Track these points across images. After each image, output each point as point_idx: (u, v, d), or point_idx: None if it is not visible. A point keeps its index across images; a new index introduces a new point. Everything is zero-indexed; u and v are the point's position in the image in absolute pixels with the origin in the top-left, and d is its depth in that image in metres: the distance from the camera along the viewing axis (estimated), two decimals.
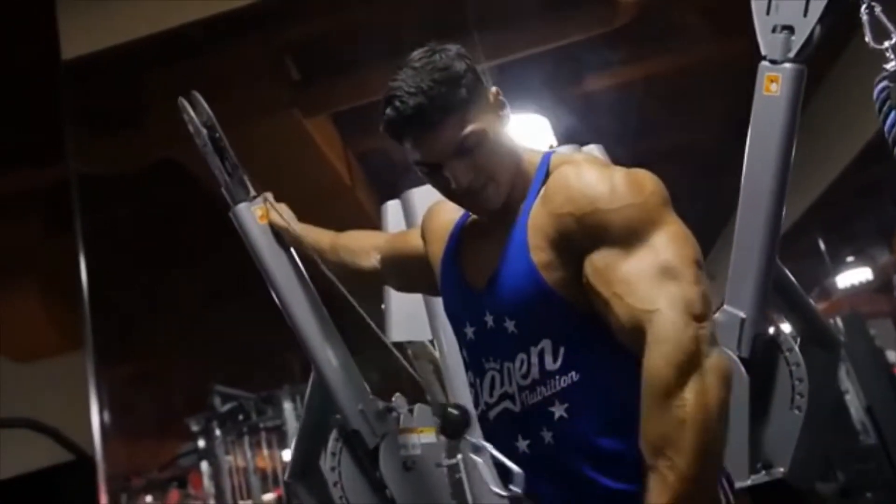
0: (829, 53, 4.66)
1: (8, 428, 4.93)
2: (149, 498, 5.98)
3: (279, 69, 4.44)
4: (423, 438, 2.32)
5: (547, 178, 1.55)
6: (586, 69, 4.86)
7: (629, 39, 4.50)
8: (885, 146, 1.84)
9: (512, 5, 4.13)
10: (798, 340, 2.23)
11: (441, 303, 1.74)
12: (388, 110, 1.51)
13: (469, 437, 1.57)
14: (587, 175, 1.49)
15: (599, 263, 1.43)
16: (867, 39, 1.89)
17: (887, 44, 1.85)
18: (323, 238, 2.23)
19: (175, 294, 5.49)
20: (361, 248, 2.10)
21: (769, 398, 2.22)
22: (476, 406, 1.62)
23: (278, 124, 4.57)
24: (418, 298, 2.44)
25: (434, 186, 1.60)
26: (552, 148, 1.71)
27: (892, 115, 1.83)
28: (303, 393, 2.47)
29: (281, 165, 4.50)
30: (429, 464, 2.32)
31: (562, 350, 1.48)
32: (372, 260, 2.07)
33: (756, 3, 2.11)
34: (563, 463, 1.48)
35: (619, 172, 1.49)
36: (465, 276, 1.64)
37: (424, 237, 1.82)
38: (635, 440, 1.37)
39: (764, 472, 2.17)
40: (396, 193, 2.60)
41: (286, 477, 2.50)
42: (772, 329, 2.22)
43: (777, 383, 2.21)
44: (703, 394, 1.32)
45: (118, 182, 4.65)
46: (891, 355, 7.36)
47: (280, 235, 2.32)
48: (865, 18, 1.89)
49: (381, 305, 2.69)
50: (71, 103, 3.96)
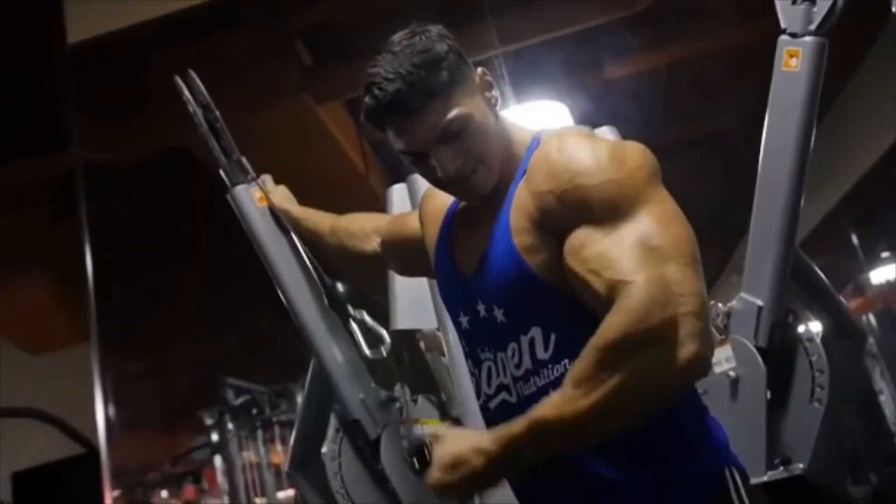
0: (866, 36, 4.52)
1: (13, 417, 4.93)
2: (164, 493, 5.97)
3: (290, 54, 4.40)
4: (427, 430, 2.26)
5: None
6: (607, 55, 4.77)
7: (651, 23, 4.41)
8: None
9: None
10: (820, 331, 2.15)
11: None
12: (367, 98, 1.44)
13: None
14: (568, 149, 1.40)
15: (576, 242, 1.34)
16: None
17: None
18: (323, 221, 2.18)
19: (186, 285, 5.46)
20: (362, 232, 2.05)
21: (788, 390, 2.14)
22: (478, 397, 1.56)
23: (290, 111, 4.53)
24: (424, 286, 2.37)
25: (422, 175, 1.52)
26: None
27: None
28: None
29: (293, 153, 4.46)
30: None
31: (553, 338, 1.40)
32: (373, 243, 2.02)
33: None
34: (564, 463, 1.40)
35: (604, 145, 1.40)
36: (457, 264, 1.57)
37: (421, 220, 1.75)
38: (635, 434, 1.30)
39: (782, 468, 2.09)
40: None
41: (286, 468, 2.46)
42: (791, 318, 2.14)
43: (796, 375, 2.14)
44: (653, 370, 1.21)
45: (126, 170, 4.62)
46: None
47: (280, 218, 2.28)
48: None
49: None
50: (76, 89, 3.94)
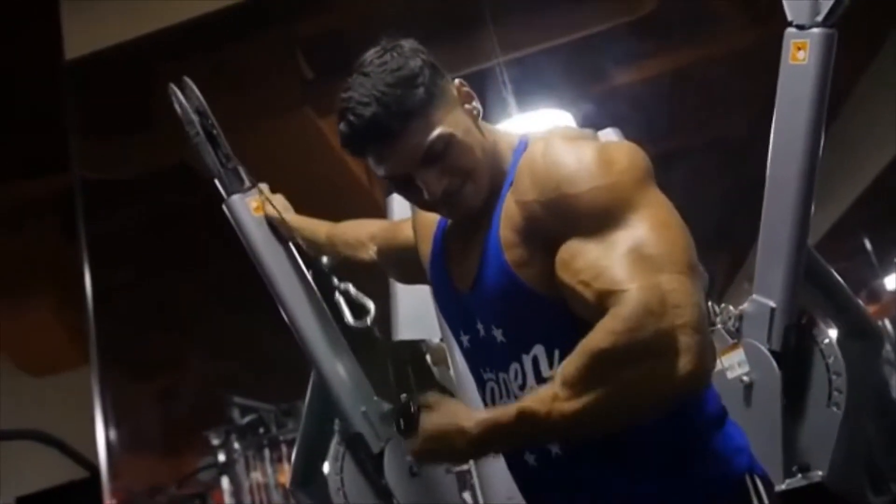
0: (874, 39, 4.47)
1: (14, 439, 4.88)
2: None
3: (291, 67, 4.38)
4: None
5: None
6: (611, 62, 4.72)
7: (655, 29, 4.36)
8: None
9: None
10: (836, 333, 2.08)
11: None
12: (342, 125, 1.35)
13: None
14: (553, 154, 1.32)
15: (566, 254, 1.26)
16: None
17: None
18: (319, 230, 2.13)
19: (191, 302, 5.43)
20: (358, 240, 2.00)
21: (804, 395, 2.06)
22: None
23: (291, 123, 4.52)
24: (426, 295, 2.31)
25: (408, 200, 1.45)
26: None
27: None
28: None
29: (296, 166, 4.44)
30: (437, 470, 2.20)
31: (556, 354, 1.32)
32: (370, 251, 1.96)
33: None
34: (574, 474, 1.35)
35: (591, 148, 1.32)
36: (453, 281, 1.49)
37: (414, 230, 1.68)
38: (647, 439, 1.27)
39: (800, 476, 2.02)
40: None
41: (289, 485, 2.40)
42: (805, 319, 2.07)
43: (812, 378, 2.06)
44: (646, 380, 1.15)
45: (129, 187, 4.61)
46: None
47: (277, 228, 2.23)
48: None
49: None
50: (76, 105, 3.92)
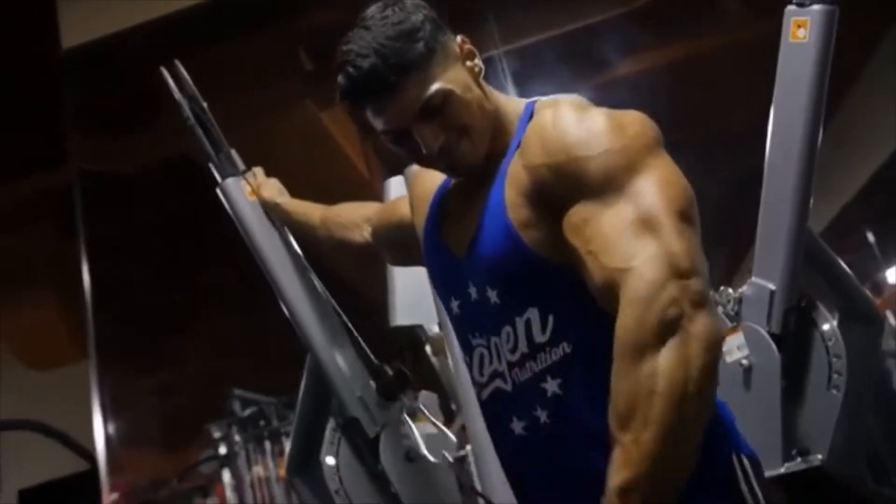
0: (878, 28, 4.43)
1: (14, 430, 4.88)
2: None
3: (292, 60, 4.38)
4: (428, 428, 2.19)
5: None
6: (609, 52, 4.71)
7: (656, 20, 4.35)
8: None
9: None
10: (836, 315, 2.06)
11: None
12: (341, 77, 1.37)
13: (405, 400, 1.40)
14: (564, 120, 1.33)
15: (576, 219, 1.28)
16: None
17: None
18: (313, 213, 2.12)
19: (192, 295, 5.42)
20: (352, 222, 1.99)
21: (804, 378, 2.05)
22: (474, 386, 1.48)
23: (293, 117, 4.52)
24: (424, 281, 2.29)
25: (407, 155, 1.45)
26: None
27: None
28: None
29: (297, 158, 4.43)
30: (434, 455, 2.16)
31: (550, 319, 1.32)
32: (364, 233, 1.96)
33: None
34: (562, 445, 1.33)
35: (601, 115, 1.33)
36: (447, 244, 1.49)
37: (411, 204, 1.68)
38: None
39: (800, 460, 2.00)
40: None
41: (285, 473, 2.38)
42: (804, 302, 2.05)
43: (812, 361, 2.05)
44: (682, 363, 1.15)
45: (129, 182, 4.60)
46: None
47: (272, 212, 2.20)
48: None
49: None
50: (74, 99, 3.92)
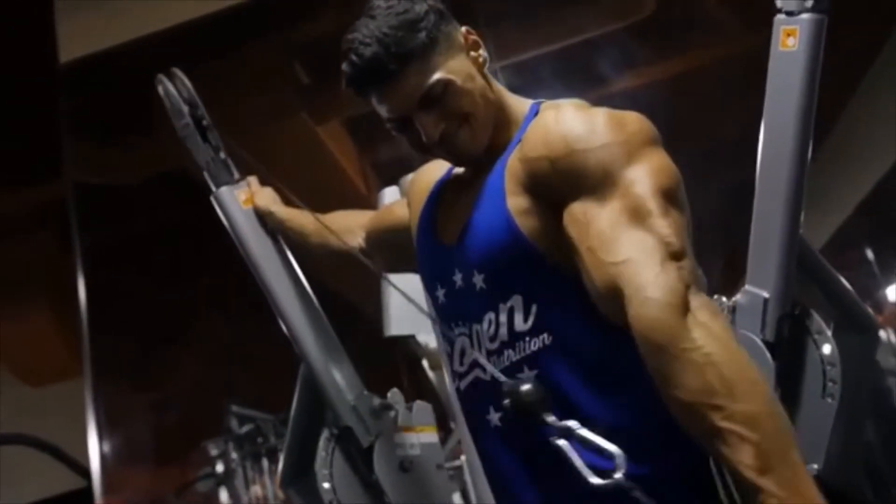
0: (876, 39, 4.45)
1: (5, 444, 4.85)
2: None
3: (288, 73, 4.40)
4: (423, 438, 2.19)
5: None
6: (607, 66, 4.72)
7: (654, 34, 4.37)
8: None
9: (522, 1, 4.03)
10: (831, 324, 2.05)
11: None
12: (345, 65, 1.42)
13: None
14: (566, 117, 1.37)
15: (578, 214, 1.30)
16: None
17: None
18: (308, 221, 2.11)
19: (189, 310, 5.41)
20: (346, 229, 1.99)
21: (798, 386, 2.03)
22: (452, 379, 1.50)
23: (289, 130, 4.53)
24: (419, 290, 2.30)
25: (409, 143, 1.48)
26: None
27: None
28: None
29: (293, 172, 4.42)
30: (428, 465, 2.18)
31: (533, 308, 1.34)
32: (357, 239, 1.96)
33: None
34: (537, 438, 1.32)
35: (602, 113, 1.37)
36: (438, 232, 1.53)
37: (409, 203, 1.70)
38: (613, 413, 1.27)
39: None
40: None
41: (278, 482, 2.38)
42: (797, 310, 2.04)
43: (806, 369, 2.04)
44: (709, 329, 1.15)
45: (127, 193, 4.60)
46: None
47: (266, 220, 2.20)
48: None
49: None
50: (71, 111, 3.93)
